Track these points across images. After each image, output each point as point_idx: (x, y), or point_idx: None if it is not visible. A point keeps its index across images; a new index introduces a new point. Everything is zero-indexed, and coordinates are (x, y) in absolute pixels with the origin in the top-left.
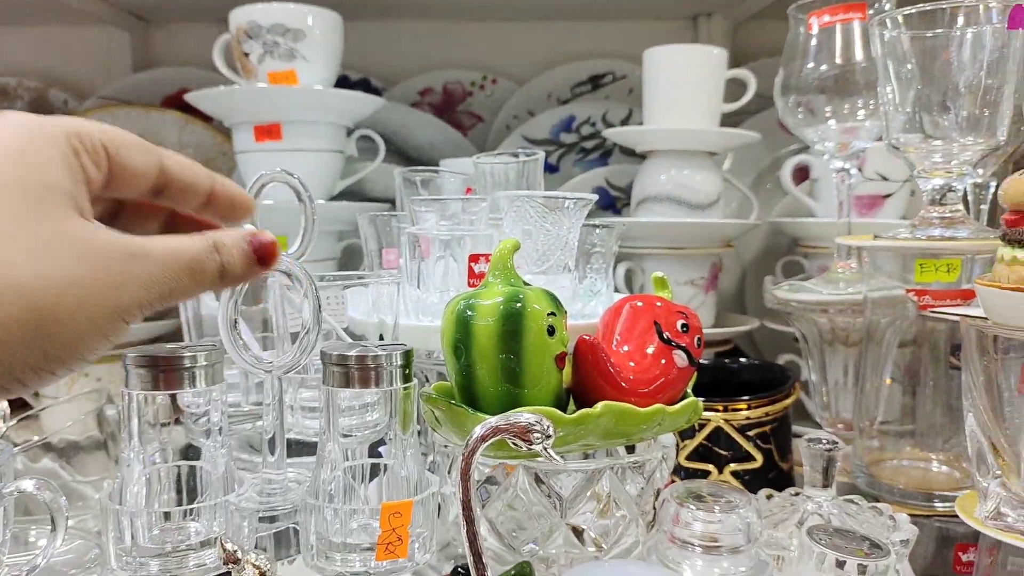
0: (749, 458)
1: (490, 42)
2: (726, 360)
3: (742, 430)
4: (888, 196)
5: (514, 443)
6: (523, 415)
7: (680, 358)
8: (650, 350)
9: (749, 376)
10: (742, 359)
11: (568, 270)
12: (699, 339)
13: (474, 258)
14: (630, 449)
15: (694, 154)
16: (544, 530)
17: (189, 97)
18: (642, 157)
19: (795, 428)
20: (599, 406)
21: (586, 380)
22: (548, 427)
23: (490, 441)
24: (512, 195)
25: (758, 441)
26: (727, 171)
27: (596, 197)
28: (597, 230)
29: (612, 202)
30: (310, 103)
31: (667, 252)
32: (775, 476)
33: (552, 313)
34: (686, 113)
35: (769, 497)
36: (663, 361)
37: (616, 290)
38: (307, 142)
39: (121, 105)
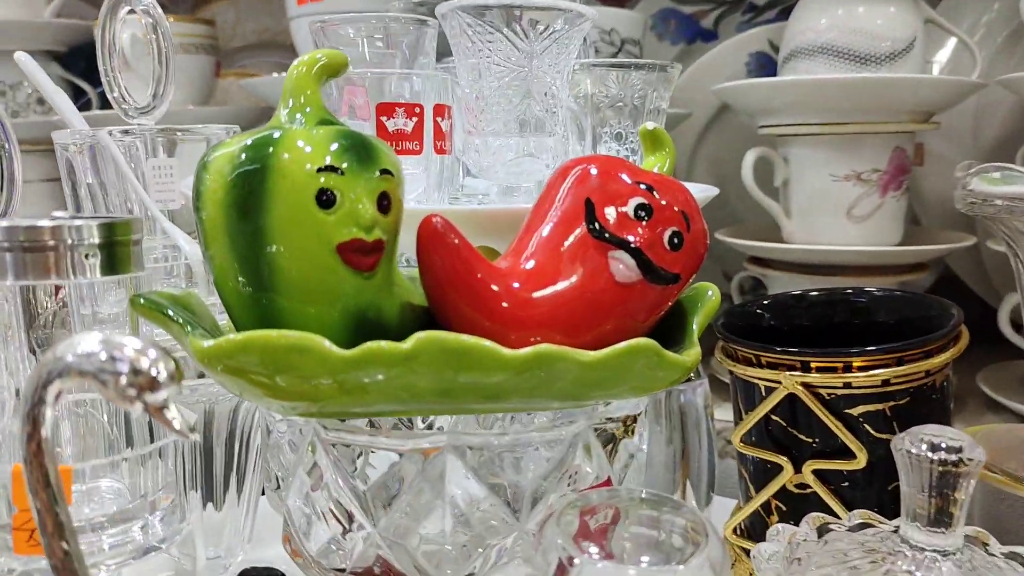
0: (845, 453)
1: None
2: (847, 291)
3: (836, 404)
4: None
5: (121, 393)
6: (92, 340)
7: (621, 264)
8: (564, 250)
9: (888, 315)
10: (870, 288)
11: (546, 131)
12: (675, 234)
13: (385, 109)
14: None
15: None
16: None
17: None
18: None
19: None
20: (413, 339)
21: (434, 294)
22: (159, 366)
23: (66, 384)
24: (445, 7)
25: (867, 425)
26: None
27: (591, 13)
28: (613, 73)
29: (776, 72)
30: None
31: (820, 131)
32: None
33: (331, 168)
34: None
35: (861, 527)
36: (584, 267)
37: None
38: (354, 1)
39: None
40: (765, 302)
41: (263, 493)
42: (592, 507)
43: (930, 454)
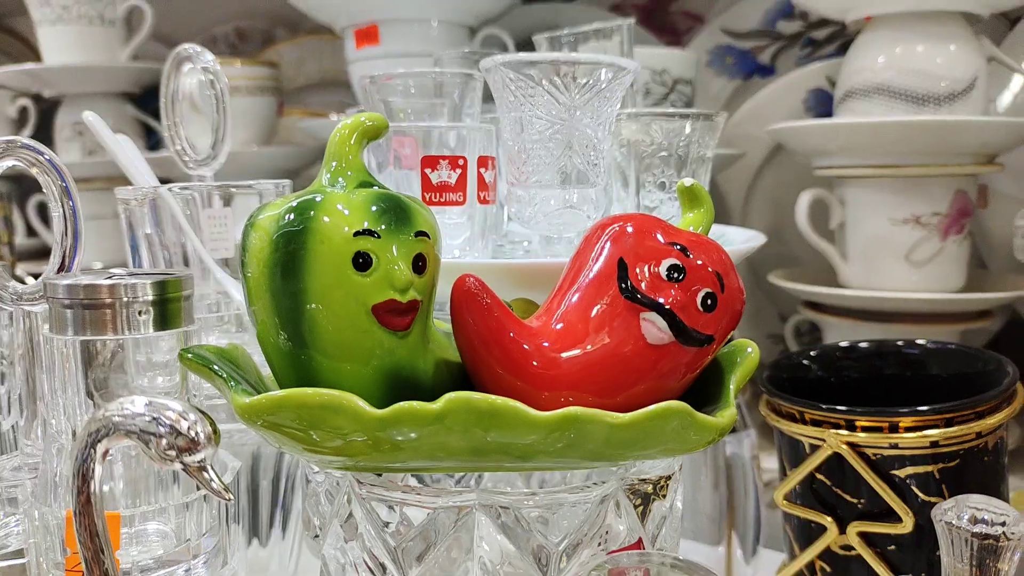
0: (891, 516)
1: None
2: (899, 343)
3: (882, 465)
4: None
5: (162, 454)
6: (139, 403)
7: (653, 326)
8: (596, 310)
9: (941, 369)
10: (921, 341)
11: (588, 182)
12: (709, 295)
13: (430, 162)
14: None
15: (939, 18)
16: None
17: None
18: None
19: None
20: (444, 400)
21: (467, 353)
22: (197, 429)
23: (112, 443)
24: (489, 62)
25: (915, 488)
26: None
27: (634, 66)
28: (657, 123)
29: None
30: None
31: (878, 174)
32: None
33: (368, 232)
34: None
35: None
36: (615, 328)
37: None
38: (412, 45)
39: None
40: (812, 353)
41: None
42: (621, 570)
43: (971, 527)
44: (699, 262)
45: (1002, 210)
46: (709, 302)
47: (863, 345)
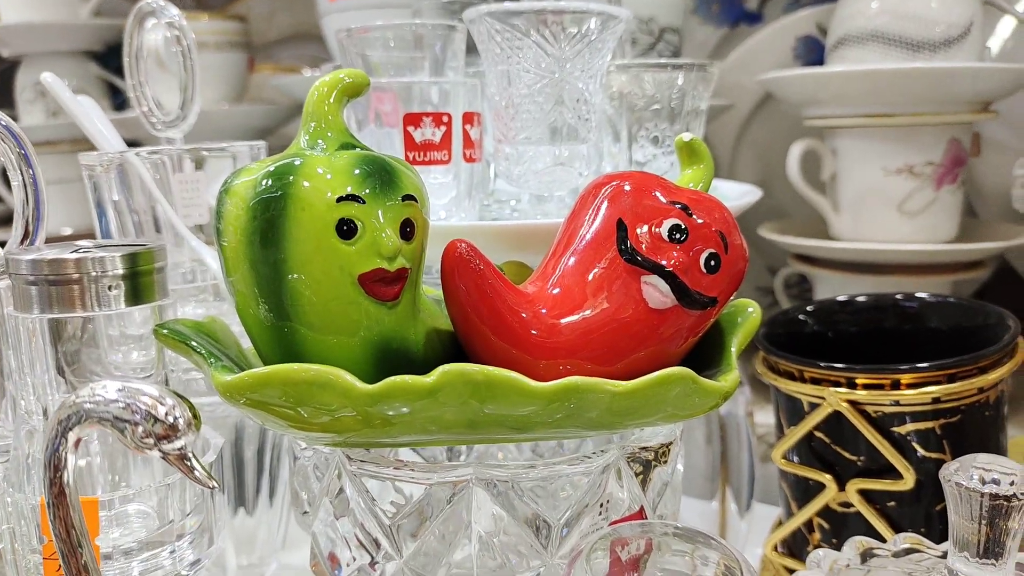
0: (891, 472)
1: None
2: (897, 296)
3: (883, 422)
4: None
5: (139, 442)
6: (111, 388)
7: (654, 289)
8: (594, 274)
9: (940, 322)
10: (921, 294)
11: (579, 138)
12: (712, 256)
13: (413, 119)
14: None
15: None
16: None
17: None
18: None
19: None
20: (438, 372)
21: (460, 322)
22: (176, 414)
23: (84, 431)
24: (472, 13)
25: (916, 444)
26: None
27: (626, 15)
28: (649, 74)
29: (824, 58)
30: None
31: (871, 123)
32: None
33: (352, 197)
34: None
35: (906, 552)
36: (615, 292)
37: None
38: None
39: None
40: (809, 308)
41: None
42: (624, 540)
43: (981, 487)
44: (701, 221)
45: (993, 158)
46: (713, 263)
47: (861, 299)
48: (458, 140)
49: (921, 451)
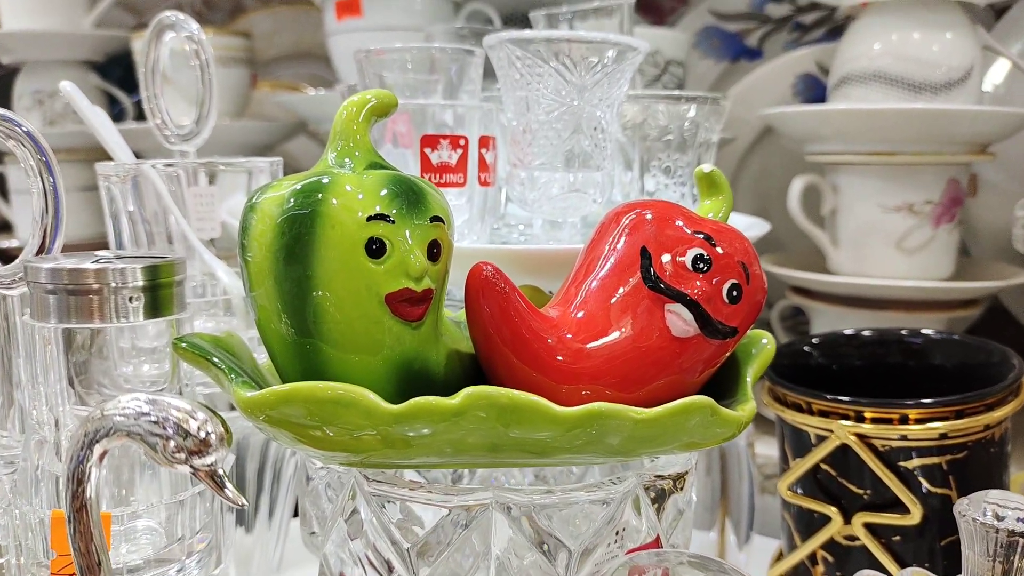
0: (897, 506)
1: None
2: (902, 331)
3: (890, 456)
4: None
5: (170, 457)
6: (142, 401)
7: (678, 317)
8: (618, 300)
9: (944, 359)
10: (926, 331)
11: (594, 166)
12: (735, 287)
13: (430, 141)
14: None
15: (936, 7)
16: None
17: None
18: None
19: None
20: (463, 395)
21: (483, 344)
22: (208, 429)
23: (112, 444)
24: (493, 39)
25: (923, 479)
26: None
27: (644, 46)
28: (662, 105)
29: (825, 95)
30: None
31: (871, 160)
32: (953, 544)
33: (381, 217)
34: None
35: None
36: (638, 319)
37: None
38: (396, 18)
39: None
40: (815, 340)
41: (295, 515)
42: (641, 568)
43: (996, 523)
44: (724, 252)
45: (989, 199)
46: (735, 293)
47: (866, 333)
48: (474, 163)
49: (927, 486)
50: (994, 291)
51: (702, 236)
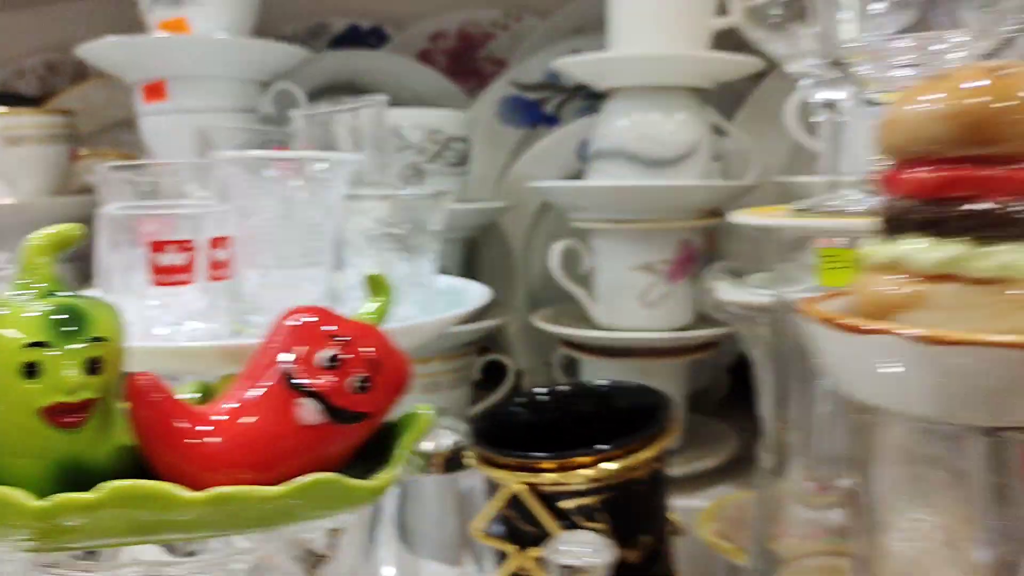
0: None
1: None
2: (591, 383)
3: (553, 500)
4: None
5: None
6: None
7: (307, 410)
8: (258, 394)
9: (626, 403)
10: (605, 380)
11: (310, 262)
12: (363, 379)
13: (158, 247)
14: None
15: (670, 92)
16: None
17: (81, 51)
18: None
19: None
20: (98, 489)
21: (140, 442)
22: None
23: None
24: (216, 158)
25: (580, 517)
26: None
27: (355, 159)
28: (386, 202)
29: None
30: (197, 55)
31: (616, 226)
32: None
33: (41, 344)
34: (659, 31)
35: None
36: (272, 410)
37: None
38: (200, 100)
39: None
40: (521, 400)
41: None
42: None
43: (558, 559)
44: (355, 352)
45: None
46: (362, 384)
47: (561, 388)
48: (203, 263)
49: (586, 523)
50: (721, 337)
51: (338, 338)
